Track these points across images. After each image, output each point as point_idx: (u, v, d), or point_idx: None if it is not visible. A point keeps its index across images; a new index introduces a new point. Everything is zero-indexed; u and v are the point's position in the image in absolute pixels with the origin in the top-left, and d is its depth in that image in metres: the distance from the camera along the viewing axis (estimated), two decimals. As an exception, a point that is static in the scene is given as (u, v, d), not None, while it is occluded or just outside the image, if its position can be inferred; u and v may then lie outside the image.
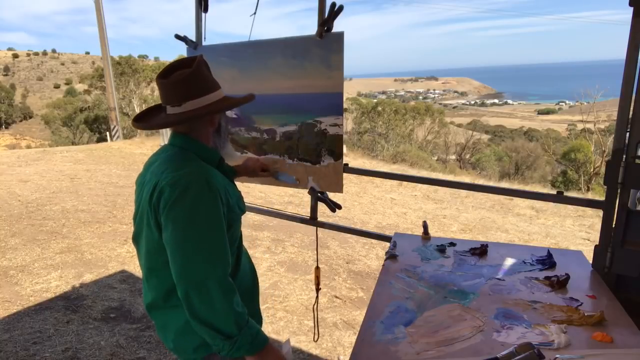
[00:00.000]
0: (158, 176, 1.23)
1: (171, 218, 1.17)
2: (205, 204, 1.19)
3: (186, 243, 1.16)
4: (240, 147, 2.37)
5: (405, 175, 3.14)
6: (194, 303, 1.14)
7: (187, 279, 1.14)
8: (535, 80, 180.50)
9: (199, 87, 1.29)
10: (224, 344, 1.16)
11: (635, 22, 1.52)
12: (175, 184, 1.19)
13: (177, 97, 1.28)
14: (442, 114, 30.70)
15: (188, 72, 1.27)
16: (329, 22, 1.91)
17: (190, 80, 1.28)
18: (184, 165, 1.25)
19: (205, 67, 1.34)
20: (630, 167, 1.59)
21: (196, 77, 1.28)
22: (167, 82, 1.28)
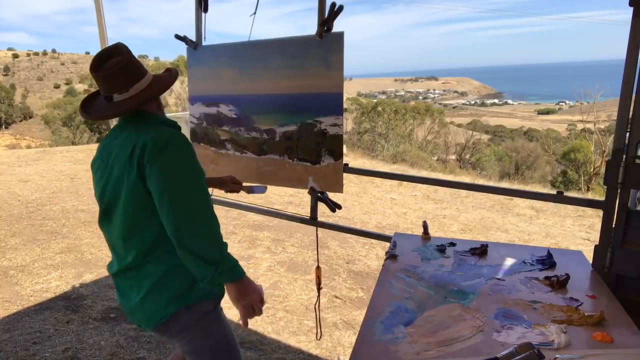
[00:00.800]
0: (134, 140, 1.31)
1: (159, 163, 1.26)
2: (187, 151, 1.32)
3: (176, 182, 1.27)
4: (240, 147, 2.38)
5: (405, 175, 3.14)
6: (183, 235, 1.24)
7: (177, 213, 1.25)
8: (535, 80, 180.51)
9: (137, 72, 1.39)
10: (208, 270, 1.26)
11: (635, 22, 1.52)
12: (158, 137, 1.29)
13: (124, 83, 1.36)
14: (442, 114, 30.68)
15: (125, 58, 1.35)
16: (329, 22, 1.91)
17: (130, 67, 1.37)
18: (157, 128, 1.36)
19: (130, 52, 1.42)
20: (630, 167, 1.59)
21: (133, 62, 1.38)
22: (107, 73, 1.34)
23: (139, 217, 1.32)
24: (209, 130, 2.48)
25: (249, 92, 2.26)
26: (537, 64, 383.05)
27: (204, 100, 2.47)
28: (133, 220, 1.34)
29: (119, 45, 1.38)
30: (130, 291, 1.41)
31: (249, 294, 1.36)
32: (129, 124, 1.40)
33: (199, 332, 1.44)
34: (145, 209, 1.31)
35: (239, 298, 1.34)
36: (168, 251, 1.33)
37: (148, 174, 1.27)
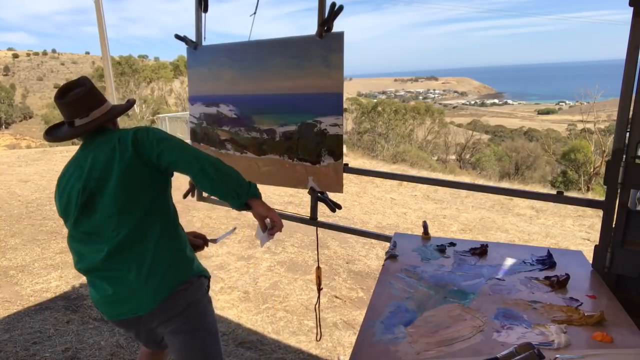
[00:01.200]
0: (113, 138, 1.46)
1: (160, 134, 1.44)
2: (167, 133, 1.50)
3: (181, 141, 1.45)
4: (240, 147, 2.38)
5: (405, 175, 3.14)
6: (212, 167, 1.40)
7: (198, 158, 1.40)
8: (535, 80, 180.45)
9: (98, 99, 1.56)
10: (244, 186, 1.43)
11: (635, 22, 1.52)
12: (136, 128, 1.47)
13: (84, 109, 1.52)
14: (442, 114, 30.68)
15: (87, 88, 1.54)
16: (329, 22, 1.91)
17: (91, 95, 1.55)
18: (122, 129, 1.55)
19: None
20: (630, 167, 1.59)
21: (94, 91, 1.56)
22: (70, 100, 1.51)
23: (135, 189, 1.44)
24: (209, 130, 2.48)
25: (249, 92, 2.26)
26: (537, 64, 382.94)
27: (204, 100, 2.47)
28: (129, 194, 1.43)
29: (81, 79, 1.58)
30: (128, 273, 1.44)
31: (271, 208, 1.51)
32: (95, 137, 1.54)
33: (199, 310, 1.55)
34: (141, 180, 1.44)
35: (269, 209, 1.49)
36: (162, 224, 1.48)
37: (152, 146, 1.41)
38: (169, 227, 1.51)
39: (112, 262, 1.44)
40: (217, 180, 1.40)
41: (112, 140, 1.47)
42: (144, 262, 1.43)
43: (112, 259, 1.44)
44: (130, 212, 1.43)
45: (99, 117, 1.54)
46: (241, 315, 3.28)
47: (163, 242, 1.47)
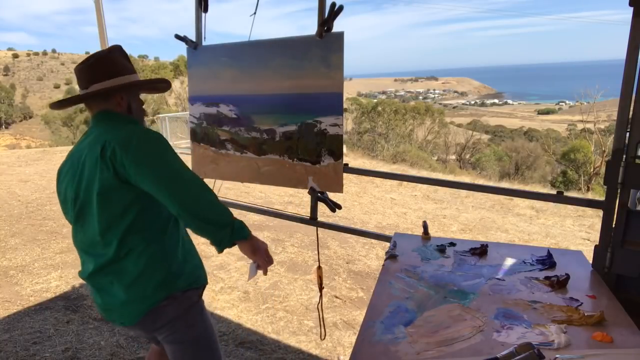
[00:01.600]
0: (102, 139, 1.34)
1: (142, 155, 1.31)
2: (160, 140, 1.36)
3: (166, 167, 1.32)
4: (240, 147, 2.38)
5: (405, 175, 3.14)
6: (192, 207, 1.30)
7: (178, 192, 1.30)
8: (535, 80, 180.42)
9: (105, 72, 1.43)
10: (224, 233, 1.34)
11: (635, 22, 1.52)
12: (129, 134, 1.34)
13: (86, 80, 1.44)
14: (442, 114, 30.69)
15: (97, 57, 1.44)
16: (329, 22, 1.91)
17: (97, 65, 1.44)
18: (125, 125, 1.42)
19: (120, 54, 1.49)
20: (630, 167, 1.59)
21: (103, 62, 1.44)
22: (80, 68, 1.45)
23: (115, 211, 1.35)
24: (209, 130, 2.48)
25: (249, 92, 2.26)
26: (537, 64, 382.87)
27: (204, 100, 2.47)
28: (109, 215, 1.36)
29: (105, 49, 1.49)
30: (111, 286, 1.41)
31: (260, 246, 1.46)
32: (97, 125, 1.46)
33: (185, 323, 1.48)
34: (122, 202, 1.34)
35: (255, 250, 1.43)
36: (147, 239, 1.38)
37: (129, 168, 1.29)
38: (156, 240, 1.40)
39: (99, 276, 1.43)
40: (194, 228, 1.32)
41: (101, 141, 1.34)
42: (125, 278, 1.39)
43: (99, 273, 1.42)
44: (113, 232, 1.37)
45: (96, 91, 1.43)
46: (241, 315, 3.28)
47: (146, 258, 1.38)
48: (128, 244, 1.37)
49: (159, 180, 1.30)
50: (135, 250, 1.38)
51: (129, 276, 1.38)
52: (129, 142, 1.31)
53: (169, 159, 1.33)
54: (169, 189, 1.30)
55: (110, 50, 1.48)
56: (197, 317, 1.52)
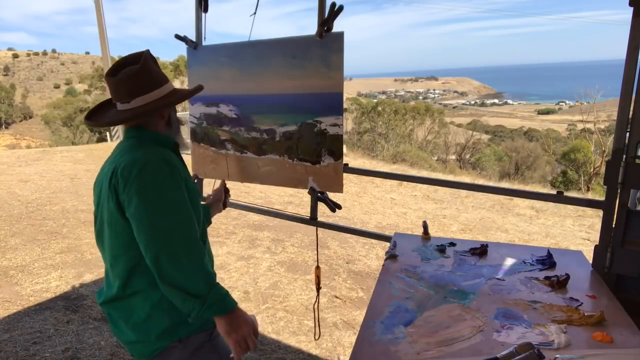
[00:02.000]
0: (116, 162, 1.27)
1: (134, 191, 1.20)
2: (165, 175, 1.23)
3: (152, 210, 1.19)
4: (240, 147, 2.38)
5: (405, 175, 3.14)
6: (164, 267, 1.17)
7: (156, 243, 1.17)
8: (535, 80, 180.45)
9: (146, 84, 1.32)
10: (194, 304, 1.18)
11: (635, 22, 1.52)
12: (134, 162, 1.23)
13: (126, 94, 1.32)
14: (442, 114, 30.70)
15: (135, 69, 1.30)
16: (329, 22, 1.91)
17: (138, 77, 1.31)
18: (140, 149, 1.29)
19: (153, 62, 1.37)
20: (630, 167, 1.59)
21: (143, 74, 1.32)
22: (115, 80, 1.31)
23: (119, 246, 1.28)
24: (209, 130, 2.48)
25: (249, 92, 2.26)
26: (537, 64, 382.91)
27: (204, 100, 2.46)
28: (115, 248, 1.30)
29: (138, 55, 1.34)
30: (120, 322, 1.36)
31: (240, 327, 1.25)
32: (126, 140, 1.37)
33: None
34: (123, 237, 1.25)
35: (230, 332, 1.24)
36: (154, 283, 1.24)
37: (124, 201, 1.21)
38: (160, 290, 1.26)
39: (109, 308, 1.39)
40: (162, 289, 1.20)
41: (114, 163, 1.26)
42: (131, 319, 1.32)
43: (109, 305, 1.38)
44: (120, 266, 1.30)
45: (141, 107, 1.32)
46: (241, 315, 3.28)
47: (150, 305, 1.29)
48: (133, 285, 1.30)
49: (141, 222, 1.19)
50: (140, 293, 1.29)
51: (135, 318, 1.31)
52: (130, 171, 1.21)
53: (165, 199, 1.21)
54: (147, 236, 1.18)
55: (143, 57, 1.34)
56: (209, 356, 1.39)
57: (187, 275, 1.17)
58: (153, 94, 1.33)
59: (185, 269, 1.17)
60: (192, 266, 1.18)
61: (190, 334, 1.34)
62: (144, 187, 1.20)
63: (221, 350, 1.42)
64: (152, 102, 1.33)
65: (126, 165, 1.23)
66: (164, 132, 1.41)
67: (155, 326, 1.30)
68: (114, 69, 1.33)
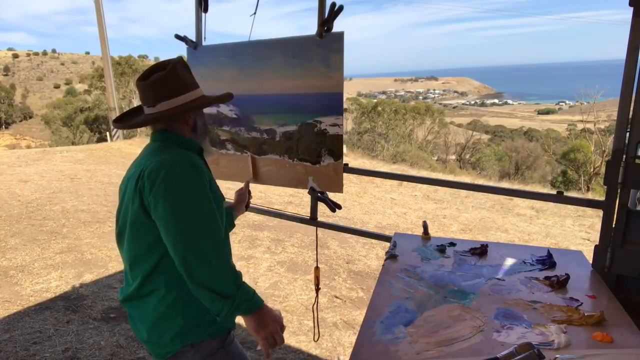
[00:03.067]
0: (143, 165, 1.29)
1: (161, 194, 1.22)
2: (191, 177, 1.25)
3: (180, 212, 1.21)
4: (240, 147, 2.38)
5: (405, 175, 3.14)
6: (192, 268, 1.18)
7: (184, 245, 1.19)
8: (535, 80, 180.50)
9: (171, 89, 1.35)
10: (224, 304, 1.20)
11: (635, 22, 1.52)
12: (160, 166, 1.25)
13: (152, 98, 1.36)
14: (442, 114, 30.69)
15: (161, 75, 1.34)
16: (329, 22, 1.91)
17: (163, 82, 1.35)
18: (166, 152, 1.31)
19: (183, 68, 1.40)
20: (630, 167, 1.59)
21: (168, 79, 1.35)
22: (143, 85, 1.36)
23: (142, 246, 1.30)
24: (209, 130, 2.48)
25: (249, 92, 2.26)
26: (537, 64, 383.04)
27: (204, 100, 2.46)
28: (137, 249, 1.31)
29: (167, 62, 1.38)
30: (137, 320, 1.38)
31: (268, 324, 1.28)
32: (152, 143, 1.39)
33: None
34: (147, 238, 1.28)
35: (258, 329, 1.27)
36: (169, 284, 1.29)
37: (151, 204, 1.23)
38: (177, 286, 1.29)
39: (128, 306, 1.40)
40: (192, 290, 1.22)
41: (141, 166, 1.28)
42: (146, 319, 1.34)
43: (128, 303, 1.39)
44: (139, 270, 1.32)
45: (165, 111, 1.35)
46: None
47: (165, 305, 1.30)
48: (151, 284, 1.31)
49: (169, 224, 1.21)
50: (157, 293, 1.31)
51: (149, 318, 1.33)
52: (157, 174, 1.23)
53: (192, 201, 1.22)
54: (175, 238, 1.20)
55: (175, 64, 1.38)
56: None
57: (215, 275, 1.19)
58: (178, 99, 1.36)
59: (213, 270, 1.19)
60: (220, 266, 1.20)
61: (204, 339, 1.34)
62: (171, 189, 1.22)
63: (234, 358, 1.42)
64: (176, 107, 1.36)
65: (153, 169, 1.24)
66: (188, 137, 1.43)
67: (168, 327, 1.31)
68: (144, 74, 1.37)
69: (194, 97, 1.40)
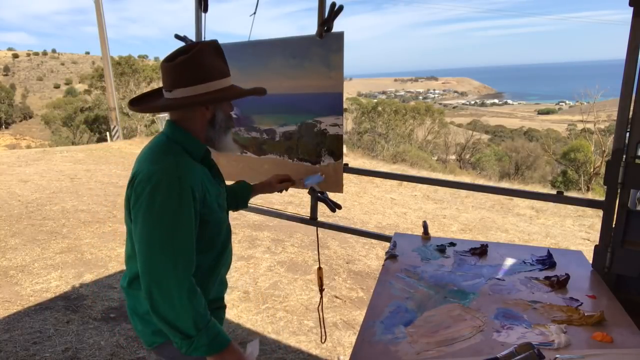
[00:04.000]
0: (139, 166, 1.25)
1: (140, 213, 1.18)
2: (173, 202, 1.18)
3: (151, 240, 1.16)
4: (240, 147, 2.38)
5: (405, 175, 3.14)
6: (155, 301, 1.16)
7: (149, 274, 1.16)
8: (535, 80, 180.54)
9: (190, 76, 1.25)
10: (182, 342, 1.17)
11: (635, 22, 1.52)
12: (148, 179, 1.19)
13: (170, 84, 1.27)
14: (442, 114, 30.68)
15: (182, 59, 1.25)
16: (329, 22, 1.91)
17: (182, 68, 1.25)
18: (161, 158, 1.24)
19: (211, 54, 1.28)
20: (630, 167, 1.59)
21: (188, 64, 1.25)
22: (165, 66, 1.27)
23: (132, 247, 1.28)
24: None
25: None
26: (537, 64, 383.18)
27: (204, 100, 2.47)
28: (129, 248, 1.32)
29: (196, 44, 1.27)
30: (130, 309, 1.40)
31: None
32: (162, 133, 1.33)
33: None
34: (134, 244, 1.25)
35: None
36: None
37: (134, 218, 1.21)
38: None
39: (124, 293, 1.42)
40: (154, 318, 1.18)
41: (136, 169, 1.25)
42: (137, 311, 1.35)
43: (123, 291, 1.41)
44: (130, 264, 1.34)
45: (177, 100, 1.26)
46: (241, 315, 3.28)
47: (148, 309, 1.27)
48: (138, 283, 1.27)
49: (140, 249, 1.17)
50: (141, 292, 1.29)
51: (139, 310, 1.35)
52: (143, 189, 1.18)
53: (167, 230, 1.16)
54: (143, 266, 1.17)
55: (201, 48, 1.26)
56: None
57: (176, 313, 1.15)
58: (197, 88, 1.25)
59: (175, 309, 1.15)
60: (182, 306, 1.15)
61: None
62: (151, 210, 1.17)
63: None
64: (189, 96, 1.26)
65: (141, 180, 1.20)
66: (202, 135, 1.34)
67: (151, 324, 1.32)
68: (170, 55, 1.28)
69: (217, 87, 1.28)
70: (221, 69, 1.30)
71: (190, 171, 1.24)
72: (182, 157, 1.26)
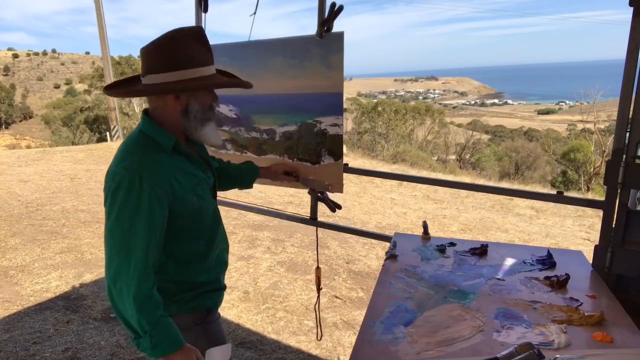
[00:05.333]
0: (114, 159, 1.25)
1: (107, 210, 1.20)
2: (132, 203, 1.17)
3: (111, 240, 1.19)
4: (240, 147, 2.37)
5: (405, 175, 3.14)
6: (111, 296, 1.19)
7: (107, 272, 1.19)
8: (535, 80, 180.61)
9: (162, 63, 1.20)
10: (134, 340, 1.21)
11: (635, 22, 1.52)
12: (112, 178, 1.20)
13: (144, 69, 1.24)
14: (442, 114, 30.68)
15: (155, 44, 1.21)
16: (329, 22, 1.91)
17: (155, 53, 1.21)
18: (126, 157, 1.23)
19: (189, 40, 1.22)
20: (630, 167, 1.59)
21: (161, 49, 1.20)
22: (142, 51, 1.24)
23: None
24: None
25: (249, 92, 2.26)
26: (537, 64, 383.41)
27: (204, 100, 2.46)
28: None
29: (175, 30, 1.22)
30: None
31: None
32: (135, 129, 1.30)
33: None
34: None
35: None
36: None
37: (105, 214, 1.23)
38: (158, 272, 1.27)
39: None
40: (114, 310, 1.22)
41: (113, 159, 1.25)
42: None
43: None
44: None
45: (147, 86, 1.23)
46: (241, 315, 3.28)
47: None
48: None
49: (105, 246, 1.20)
50: None
51: None
52: (109, 187, 1.19)
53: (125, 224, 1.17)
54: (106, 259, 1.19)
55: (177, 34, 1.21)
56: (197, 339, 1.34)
57: (127, 311, 1.17)
58: (169, 75, 1.20)
59: (126, 309, 1.17)
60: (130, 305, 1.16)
61: (182, 313, 1.34)
62: (111, 211, 1.18)
63: (212, 337, 1.39)
64: (160, 83, 1.21)
65: (108, 179, 1.21)
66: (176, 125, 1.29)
67: None
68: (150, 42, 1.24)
69: (192, 75, 1.21)
70: (200, 57, 1.24)
71: (154, 169, 1.21)
72: (149, 152, 1.23)
